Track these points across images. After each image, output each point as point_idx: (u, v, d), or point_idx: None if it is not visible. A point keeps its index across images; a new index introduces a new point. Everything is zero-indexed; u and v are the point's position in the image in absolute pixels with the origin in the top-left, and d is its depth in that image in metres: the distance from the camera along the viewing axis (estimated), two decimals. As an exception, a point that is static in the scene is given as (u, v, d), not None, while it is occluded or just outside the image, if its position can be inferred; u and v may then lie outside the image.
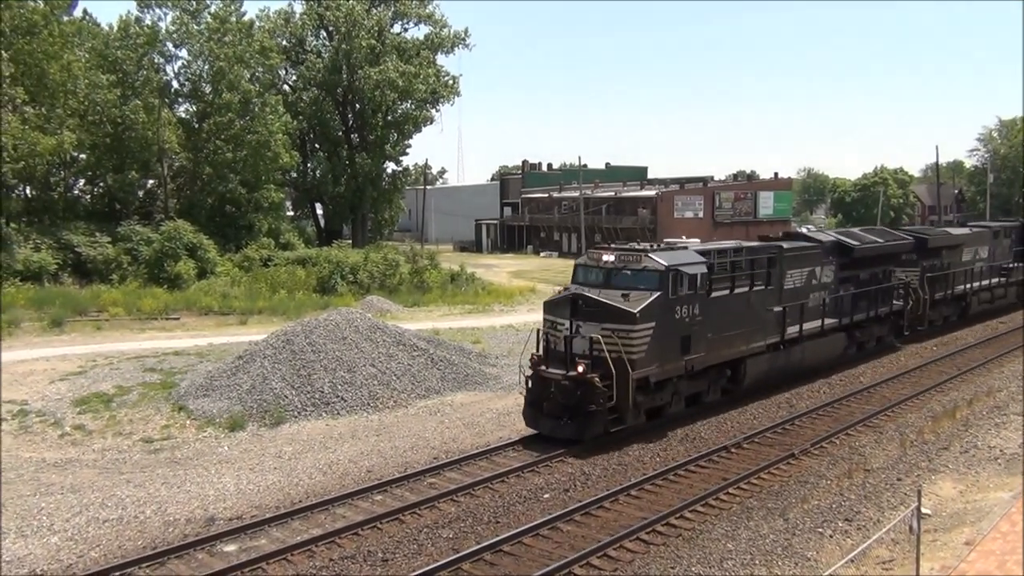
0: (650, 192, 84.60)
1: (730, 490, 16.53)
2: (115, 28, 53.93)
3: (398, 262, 50.23)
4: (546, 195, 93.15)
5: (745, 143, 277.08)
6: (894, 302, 30.26)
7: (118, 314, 36.06)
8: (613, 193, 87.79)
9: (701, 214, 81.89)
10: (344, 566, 13.25)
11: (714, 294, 20.94)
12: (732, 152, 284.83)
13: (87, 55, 50.80)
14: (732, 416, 21.92)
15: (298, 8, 69.22)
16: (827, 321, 26.05)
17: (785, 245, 24.93)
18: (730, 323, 21.54)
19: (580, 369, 18.47)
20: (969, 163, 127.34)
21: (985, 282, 37.46)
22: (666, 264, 19.39)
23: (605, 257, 20.07)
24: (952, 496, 15.86)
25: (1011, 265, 39.90)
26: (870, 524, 14.60)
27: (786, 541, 13.98)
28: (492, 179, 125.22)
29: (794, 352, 24.64)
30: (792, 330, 24.31)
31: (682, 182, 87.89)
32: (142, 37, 52.55)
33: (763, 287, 23.11)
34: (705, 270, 20.44)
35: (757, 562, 13.23)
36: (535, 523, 14.67)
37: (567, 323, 19.10)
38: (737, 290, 22.06)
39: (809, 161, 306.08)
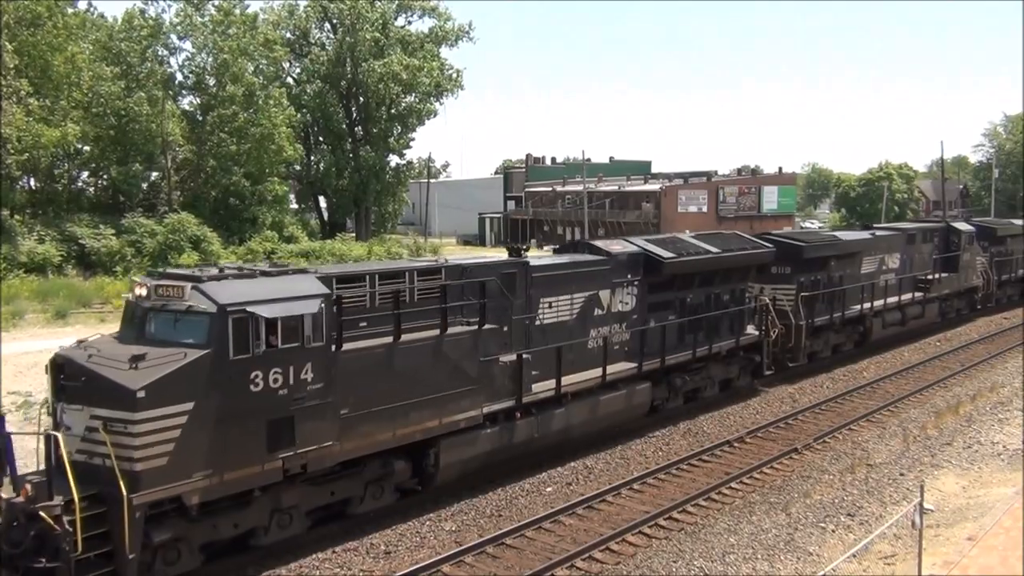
0: (654, 186, 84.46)
1: (732, 484, 16.57)
2: (119, 20, 53.92)
3: (402, 255, 50.23)
4: (549, 189, 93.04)
5: (749, 138, 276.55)
6: (747, 331, 23.05)
7: (122, 306, 36.06)
8: (617, 187, 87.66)
9: (705, 208, 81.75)
10: (347, 558, 13.30)
11: (355, 345, 13.46)
12: (736, 147, 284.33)
13: (91, 47, 50.73)
14: (735, 411, 21.93)
15: (302, 1, 69.14)
16: (617, 367, 18.71)
17: (533, 262, 17.64)
18: (400, 387, 13.97)
19: (26, 492, 10.72)
20: (974, 158, 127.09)
21: (894, 299, 29.93)
22: (221, 303, 11.84)
23: (138, 290, 12.83)
24: (955, 491, 15.87)
25: (931, 277, 32.49)
26: (872, 519, 14.62)
27: (788, 536, 14.00)
28: (496, 173, 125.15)
29: (548, 420, 16.99)
30: (543, 386, 16.90)
31: (686, 176, 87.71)
32: (146, 29, 52.51)
33: (482, 327, 15.36)
34: (317, 308, 12.67)
35: (759, 556, 13.25)
36: (538, 516, 14.70)
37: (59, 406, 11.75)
38: (415, 334, 14.30)
39: (813, 156, 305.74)
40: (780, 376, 24.81)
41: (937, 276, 32.62)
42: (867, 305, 28.09)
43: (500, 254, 18.50)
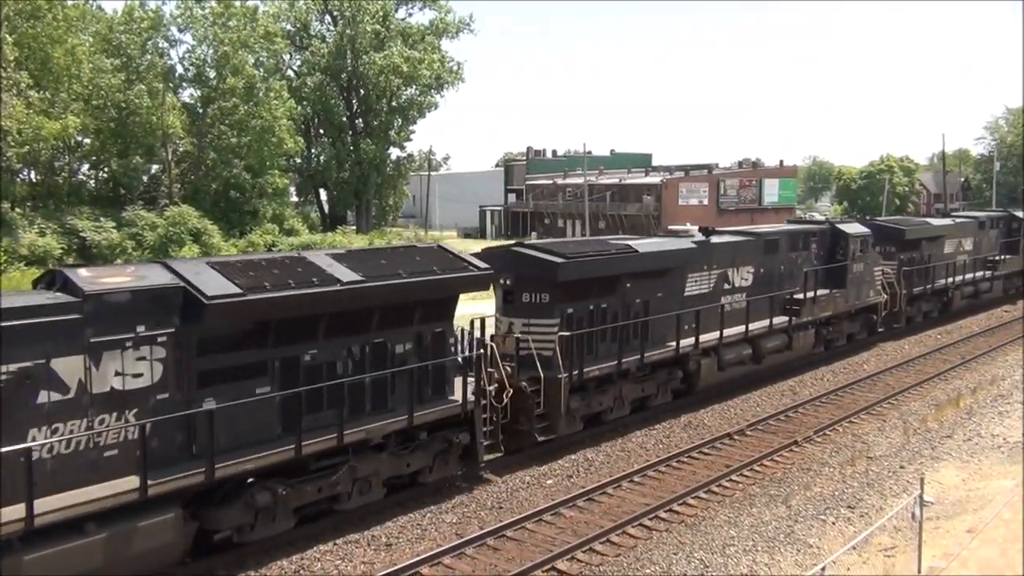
0: (655, 179, 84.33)
1: (733, 477, 16.58)
2: (119, 13, 53.87)
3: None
4: (550, 182, 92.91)
5: (750, 131, 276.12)
6: (450, 398, 15.43)
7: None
8: (617, 180, 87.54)
9: (706, 201, 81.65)
10: (348, 550, 13.33)
11: None
12: (737, 140, 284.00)
13: (91, 39, 50.72)
14: (735, 404, 21.95)
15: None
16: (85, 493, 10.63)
17: None
18: None
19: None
20: (976, 151, 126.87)
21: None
22: None
23: None
24: (955, 484, 15.88)
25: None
26: (873, 511, 14.63)
27: (788, 528, 14.02)
28: (496, 166, 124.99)
29: None
30: None
31: (687, 169, 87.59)
32: (146, 21, 52.48)
33: None
34: None
35: (759, 549, 13.28)
36: (538, 508, 14.73)
37: None
38: None
39: (814, 149, 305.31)
40: (781, 369, 24.58)
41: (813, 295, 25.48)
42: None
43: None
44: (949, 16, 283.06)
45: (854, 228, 28.58)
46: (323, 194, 73.28)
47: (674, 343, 20.20)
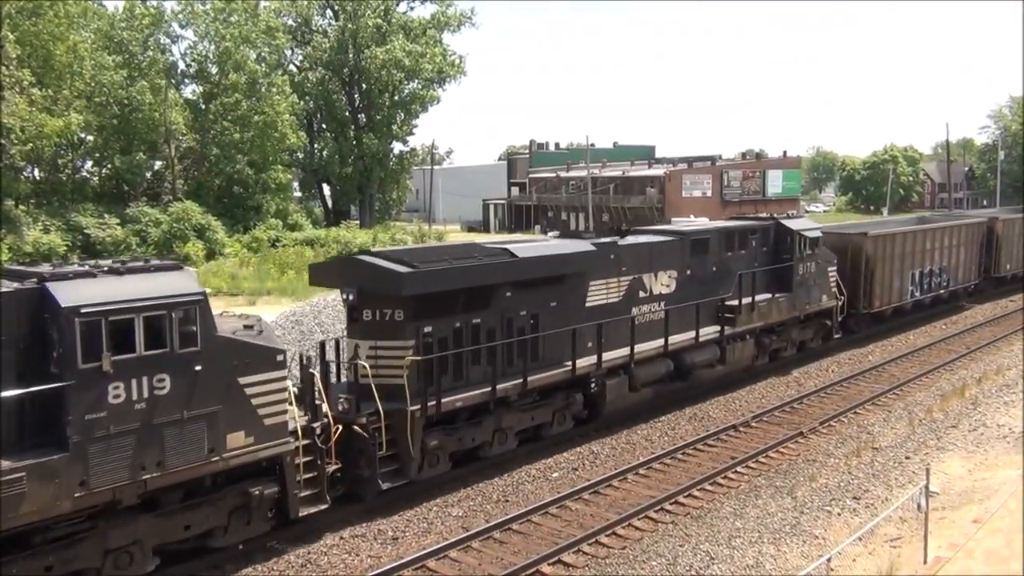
0: (658, 171, 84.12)
1: (738, 469, 16.60)
2: (120, 9, 53.86)
3: (406, 242, 50.27)
4: (553, 175, 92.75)
5: (754, 122, 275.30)
6: None
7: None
8: (620, 172, 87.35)
9: (709, 193, 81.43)
10: (355, 544, 13.37)
11: None
12: (740, 131, 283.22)
13: (93, 36, 50.71)
14: (740, 395, 21.95)
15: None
16: None
17: None
18: None
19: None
20: (980, 140, 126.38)
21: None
22: None
23: None
24: (960, 474, 15.86)
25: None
26: (878, 502, 14.63)
27: (794, 519, 14.03)
28: (499, 159, 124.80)
29: None
30: None
31: (690, 161, 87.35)
32: (147, 18, 52.45)
33: None
34: None
35: (765, 540, 13.29)
36: (544, 501, 14.76)
37: None
38: None
39: (818, 139, 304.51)
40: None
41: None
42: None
43: (507, 239, 18.78)
44: (953, 5, 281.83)
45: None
46: (326, 189, 73.30)
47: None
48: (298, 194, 71.80)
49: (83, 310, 10.34)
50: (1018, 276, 39.26)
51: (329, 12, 69.34)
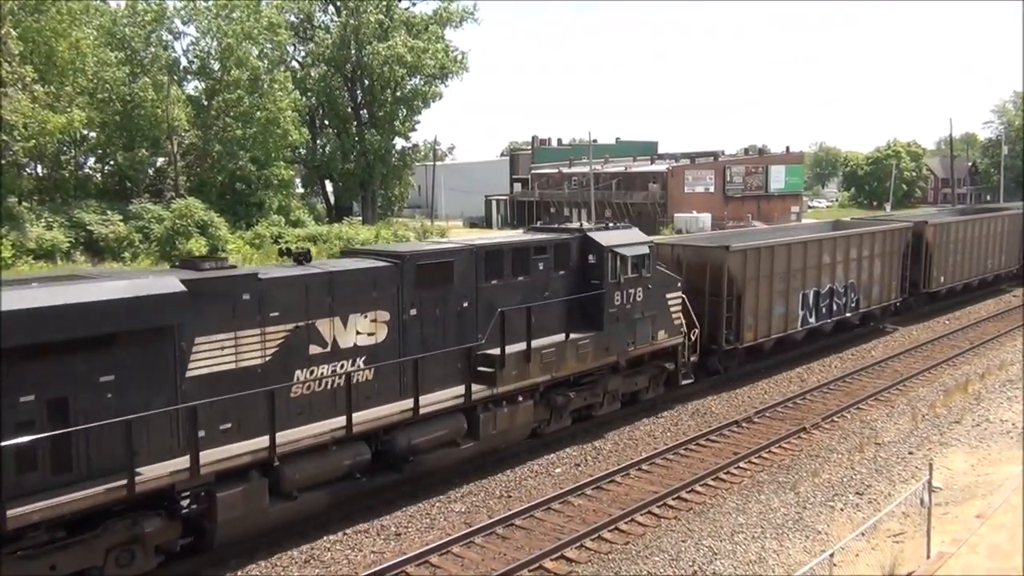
0: (660, 167, 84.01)
1: (741, 464, 16.60)
2: (123, 6, 53.88)
3: (408, 238, 50.26)
4: (556, 171, 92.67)
5: (756, 117, 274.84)
6: None
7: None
8: (623, 168, 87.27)
9: (712, 188, 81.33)
10: (358, 540, 13.39)
11: None
12: (743, 127, 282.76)
13: (95, 33, 50.69)
14: (743, 391, 21.94)
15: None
16: None
17: None
18: None
19: None
20: (983, 135, 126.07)
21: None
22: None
23: None
24: (963, 469, 15.86)
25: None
26: (881, 498, 14.64)
27: (797, 515, 14.04)
28: (501, 155, 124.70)
29: None
30: None
31: (693, 156, 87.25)
32: (150, 14, 52.42)
33: None
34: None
35: (768, 535, 13.30)
36: (547, 497, 14.77)
37: None
38: None
39: (821, 135, 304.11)
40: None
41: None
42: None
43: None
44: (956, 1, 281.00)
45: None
46: (328, 185, 73.30)
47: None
48: (300, 190, 71.79)
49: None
50: (956, 290, 33.74)
51: (331, 8, 69.29)
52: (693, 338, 20.65)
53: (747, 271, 22.38)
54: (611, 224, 19.91)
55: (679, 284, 20.28)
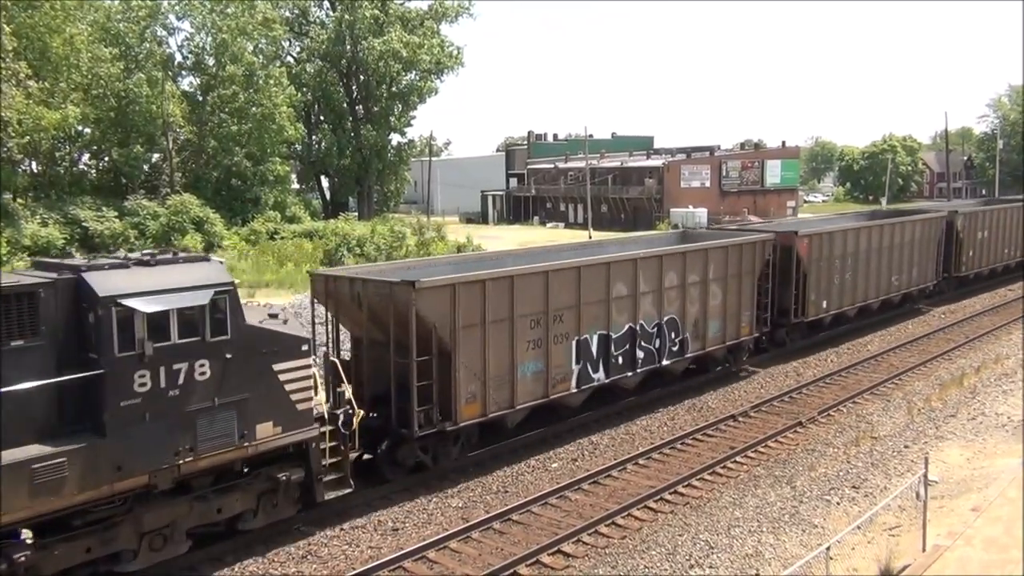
0: (656, 162, 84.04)
1: (737, 458, 16.63)
2: (116, 1, 53.60)
3: (404, 234, 50.13)
4: (552, 166, 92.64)
5: (752, 112, 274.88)
6: None
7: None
8: (619, 163, 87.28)
9: (708, 183, 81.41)
10: (355, 535, 13.40)
11: None
12: (739, 121, 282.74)
13: (89, 28, 50.44)
14: (739, 386, 21.96)
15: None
16: None
17: None
18: None
19: None
20: (979, 129, 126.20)
21: None
22: None
23: None
24: (959, 463, 15.90)
25: None
26: (877, 491, 14.67)
27: (793, 508, 14.07)
28: (497, 150, 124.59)
29: None
30: None
31: (688, 151, 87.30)
32: (144, 10, 52.17)
33: None
34: None
35: (764, 529, 13.33)
36: (544, 492, 14.79)
37: None
38: None
39: (817, 129, 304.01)
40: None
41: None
42: None
43: (505, 230, 18.38)
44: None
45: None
46: (324, 181, 73.16)
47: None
48: (296, 186, 71.63)
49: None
50: (832, 319, 26.40)
51: (326, 3, 69.11)
52: (355, 424, 13.71)
53: (459, 314, 15.29)
54: (176, 254, 12.46)
55: (305, 347, 12.90)
